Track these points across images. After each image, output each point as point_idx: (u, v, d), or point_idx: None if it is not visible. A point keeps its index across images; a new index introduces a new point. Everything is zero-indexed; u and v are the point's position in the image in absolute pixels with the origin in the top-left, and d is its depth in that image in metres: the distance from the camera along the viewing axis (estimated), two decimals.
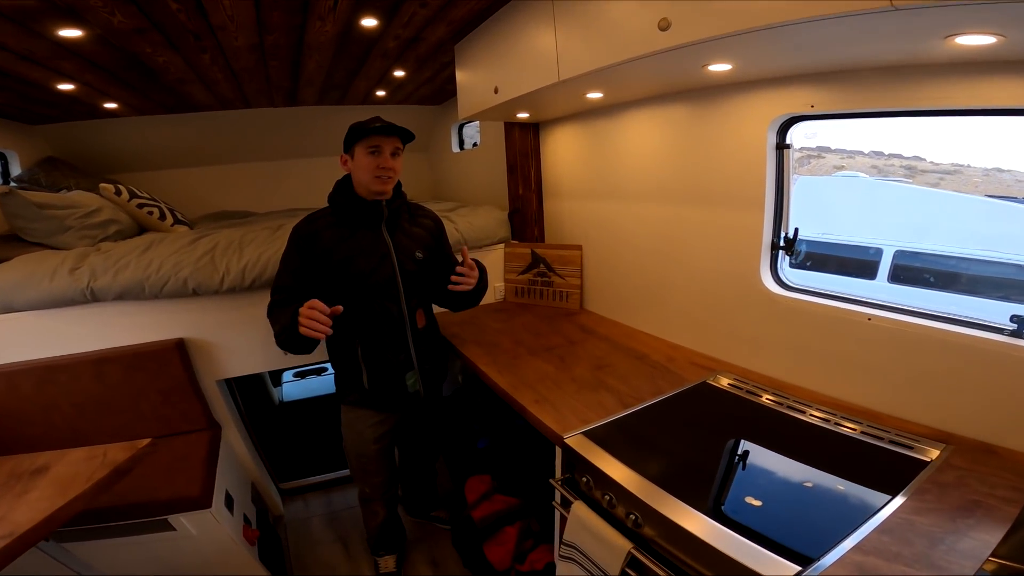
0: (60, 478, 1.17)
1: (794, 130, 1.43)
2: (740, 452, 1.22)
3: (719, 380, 1.53)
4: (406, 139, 1.52)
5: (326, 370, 3.39)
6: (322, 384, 3.38)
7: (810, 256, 4.17)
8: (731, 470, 1.16)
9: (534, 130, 2.49)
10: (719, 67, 1.30)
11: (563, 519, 1.27)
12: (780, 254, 1.52)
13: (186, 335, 1.86)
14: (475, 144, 3.56)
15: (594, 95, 1.78)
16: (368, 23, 1.81)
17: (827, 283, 1.46)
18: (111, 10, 1.46)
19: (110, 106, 2.62)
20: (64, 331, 1.73)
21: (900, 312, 1.26)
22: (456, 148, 3.69)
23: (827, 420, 1.27)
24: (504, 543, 1.76)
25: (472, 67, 2.07)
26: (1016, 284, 3.33)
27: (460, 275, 1.55)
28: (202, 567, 1.64)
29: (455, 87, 2.25)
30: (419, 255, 1.63)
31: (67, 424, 1.71)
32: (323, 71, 2.46)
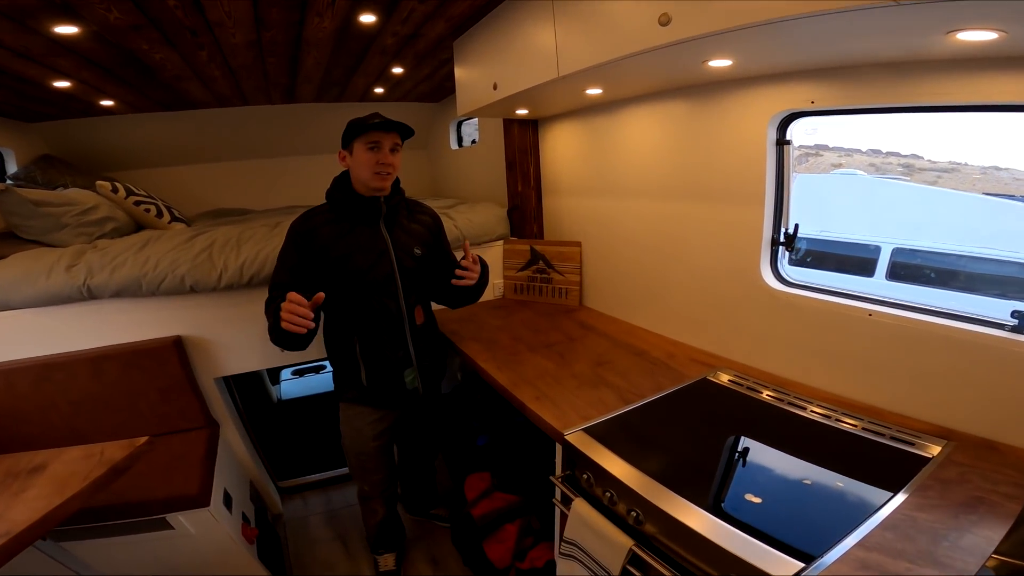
0: (57, 476, 1.15)
1: (794, 126, 1.42)
2: (741, 448, 1.22)
3: (719, 376, 1.53)
4: (405, 135, 1.51)
5: (324, 368, 3.39)
6: (321, 382, 3.38)
7: (808, 254, 4.17)
8: (732, 466, 1.15)
9: (533, 127, 2.48)
10: (719, 63, 1.29)
11: (564, 516, 1.26)
12: (780, 250, 1.51)
13: (184, 332, 1.85)
14: (474, 141, 3.55)
15: (593, 91, 1.77)
16: (366, 19, 1.80)
17: (826, 281, 1.46)
18: (108, 6, 1.45)
19: (107, 103, 2.60)
20: (61, 329, 1.72)
21: (901, 308, 1.25)
22: (455, 145, 3.69)
23: (828, 416, 1.27)
24: (504, 541, 1.76)
25: (471, 63, 2.06)
26: (1014, 281, 3.33)
27: (464, 269, 1.55)
28: (201, 566, 1.63)
29: (454, 84, 2.24)
30: (417, 252, 1.62)
31: (64, 422, 1.71)
32: (321, 68, 2.44)
